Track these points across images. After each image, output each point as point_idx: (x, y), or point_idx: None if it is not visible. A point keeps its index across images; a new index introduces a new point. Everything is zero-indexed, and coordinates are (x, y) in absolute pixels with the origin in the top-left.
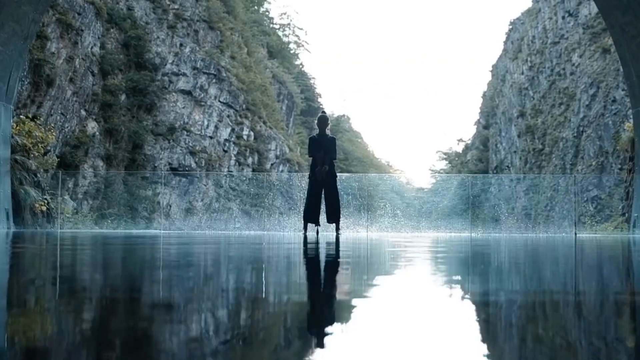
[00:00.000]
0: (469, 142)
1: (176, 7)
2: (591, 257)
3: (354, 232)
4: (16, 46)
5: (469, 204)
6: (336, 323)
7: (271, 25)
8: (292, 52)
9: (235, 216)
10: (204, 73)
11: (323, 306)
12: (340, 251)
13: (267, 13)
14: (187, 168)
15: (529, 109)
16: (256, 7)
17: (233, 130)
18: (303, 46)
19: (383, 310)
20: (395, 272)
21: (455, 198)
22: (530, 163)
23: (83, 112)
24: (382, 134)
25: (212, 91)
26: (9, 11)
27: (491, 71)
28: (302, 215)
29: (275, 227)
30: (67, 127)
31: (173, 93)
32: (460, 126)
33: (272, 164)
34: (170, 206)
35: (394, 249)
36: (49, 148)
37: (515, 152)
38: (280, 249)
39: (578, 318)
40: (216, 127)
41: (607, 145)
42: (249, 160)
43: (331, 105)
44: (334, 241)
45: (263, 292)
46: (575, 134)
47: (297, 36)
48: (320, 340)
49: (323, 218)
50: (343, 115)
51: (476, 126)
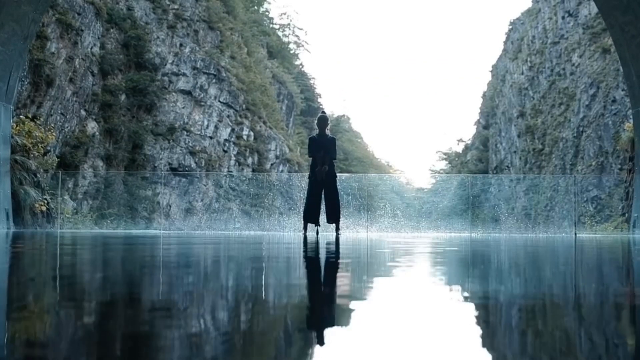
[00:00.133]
0: (469, 142)
1: (176, 7)
2: (591, 258)
3: (354, 233)
4: (16, 46)
5: (469, 204)
6: (335, 325)
7: (271, 25)
8: (292, 52)
9: (235, 216)
10: (204, 73)
11: (322, 308)
12: (340, 251)
13: (267, 13)
14: (187, 168)
15: (529, 109)
16: (256, 7)
17: (233, 130)
18: (303, 46)
19: (382, 311)
20: (394, 273)
21: (455, 198)
22: (530, 163)
23: (83, 112)
24: (382, 134)
25: (212, 91)
26: (9, 11)
27: (491, 71)
28: (302, 215)
29: (275, 228)
30: (67, 127)
31: (173, 93)
32: (460, 126)
33: (272, 164)
34: (170, 206)
35: (394, 250)
36: (49, 148)
37: (515, 152)
38: (280, 250)
39: (578, 319)
40: (216, 127)
41: (607, 145)
42: (249, 160)
43: (331, 105)
44: (334, 241)
45: (262, 293)
46: (575, 134)
47: (297, 36)
48: (319, 341)
49: (323, 218)
50: (343, 115)
51: (476, 126)
